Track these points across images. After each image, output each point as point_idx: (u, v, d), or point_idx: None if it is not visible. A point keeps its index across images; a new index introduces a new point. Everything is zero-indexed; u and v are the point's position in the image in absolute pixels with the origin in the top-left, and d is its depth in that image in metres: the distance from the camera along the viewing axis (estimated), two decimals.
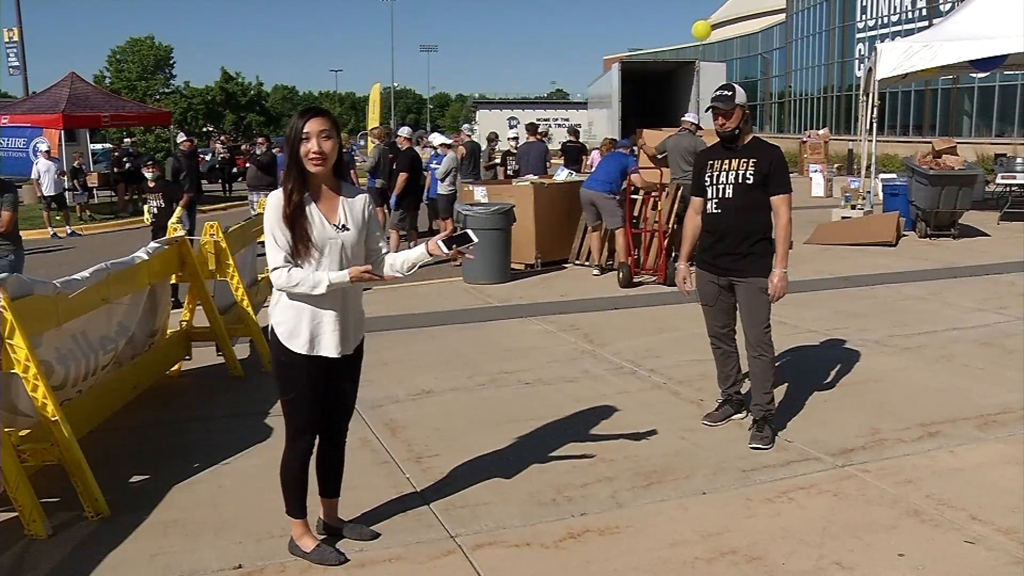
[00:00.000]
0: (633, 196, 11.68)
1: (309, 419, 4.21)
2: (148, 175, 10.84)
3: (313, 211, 3.99)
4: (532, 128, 17.38)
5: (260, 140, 17.99)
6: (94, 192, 25.89)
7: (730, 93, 5.59)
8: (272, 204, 3.97)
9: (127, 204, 24.21)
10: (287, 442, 4.24)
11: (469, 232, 4.33)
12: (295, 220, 3.95)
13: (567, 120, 45.38)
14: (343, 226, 4.06)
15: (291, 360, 4.09)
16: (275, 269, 3.97)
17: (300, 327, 4.06)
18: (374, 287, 10.45)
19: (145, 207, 11.36)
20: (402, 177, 13.62)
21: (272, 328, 4.10)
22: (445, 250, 4.17)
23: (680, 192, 11.77)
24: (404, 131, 15.29)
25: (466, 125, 21.92)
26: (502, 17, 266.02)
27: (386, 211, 14.69)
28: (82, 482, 4.73)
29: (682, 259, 6.09)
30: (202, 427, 6.31)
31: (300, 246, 3.95)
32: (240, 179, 27.24)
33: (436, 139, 16.07)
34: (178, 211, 10.99)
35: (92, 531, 4.64)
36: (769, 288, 5.57)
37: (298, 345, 4.06)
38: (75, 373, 5.33)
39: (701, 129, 13.38)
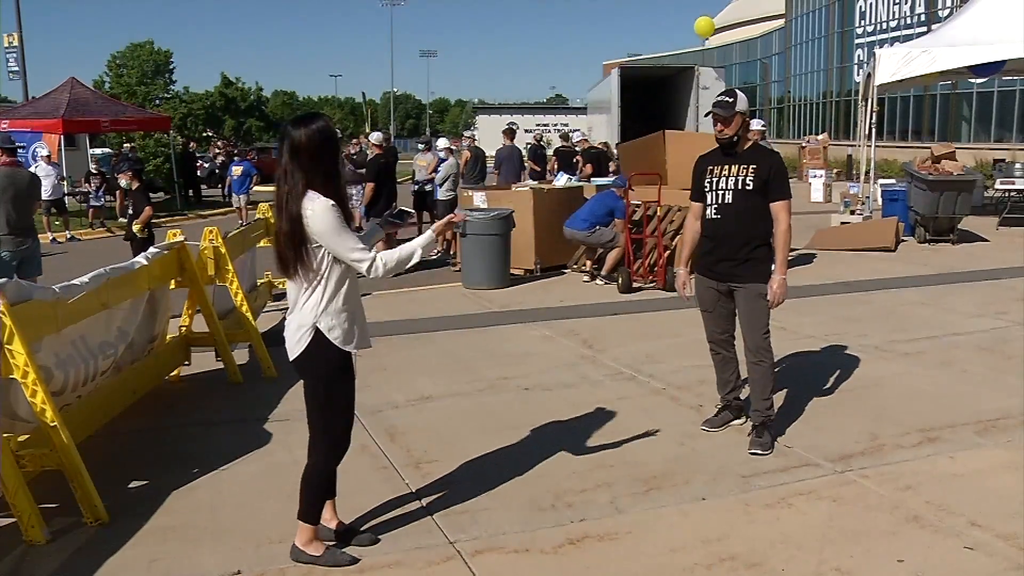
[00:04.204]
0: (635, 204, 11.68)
1: (349, 422, 4.31)
2: (123, 183, 10.68)
3: None
4: (509, 133, 17.44)
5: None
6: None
7: (731, 100, 5.58)
8: (332, 213, 3.95)
9: (126, 209, 24.18)
10: (324, 451, 4.24)
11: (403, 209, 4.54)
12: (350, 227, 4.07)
13: (566, 125, 45.42)
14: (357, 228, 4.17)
15: (345, 364, 4.18)
16: (370, 262, 4.02)
17: (353, 327, 4.15)
18: (373, 292, 10.47)
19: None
20: (369, 187, 13.48)
21: (321, 335, 4.06)
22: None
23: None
24: (374, 136, 14.87)
25: (468, 131, 21.90)
26: (501, 22, 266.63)
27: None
28: (81, 488, 4.73)
29: (682, 265, 6.09)
30: (201, 433, 6.30)
31: None
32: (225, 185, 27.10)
33: (442, 143, 16.07)
34: (137, 226, 10.72)
35: (91, 537, 4.63)
36: (768, 294, 5.57)
37: (352, 345, 4.16)
38: (74, 378, 5.32)
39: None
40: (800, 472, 5.32)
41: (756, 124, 12.98)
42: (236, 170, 22.14)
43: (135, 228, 10.50)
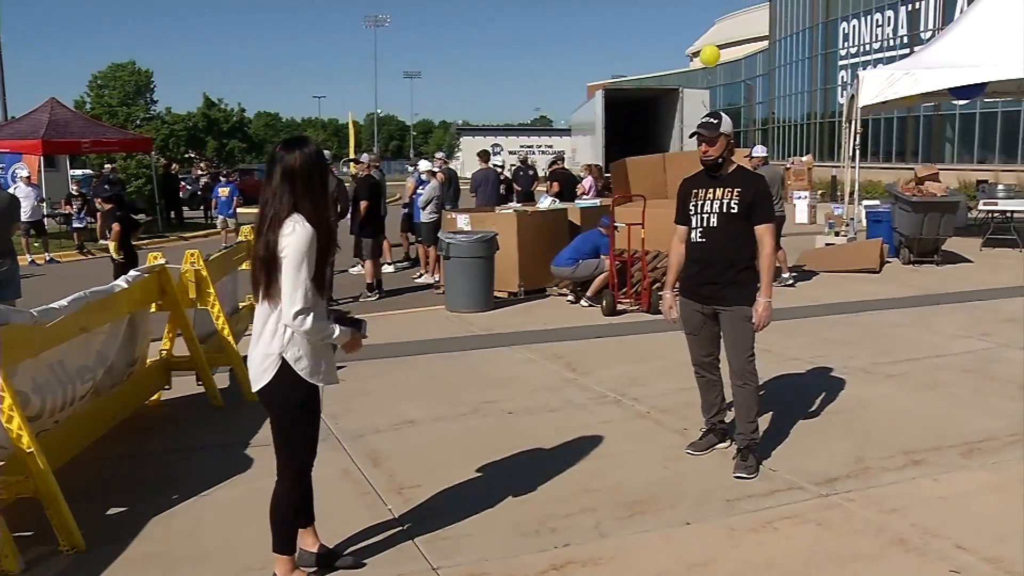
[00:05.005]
0: (617, 225, 11.71)
1: (312, 454, 4.28)
2: (98, 206, 10.88)
3: None
4: (484, 155, 17.42)
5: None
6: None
7: (716, 121, 5.62)
8: (308, 242, 3.90)
9: (105, 232, 24.04)
10: (288, 480, 4.22)
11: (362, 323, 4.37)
12: (322, 259, 3.99)
13: (551, 147, 45.60)
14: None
15: (311, 395, 4.13)
16: (301, 312, 3.89)
17: (319, 360, 4.10)
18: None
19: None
20: (363, 205, 13.40)
21: (287, 365, 4.02)
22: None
23: None
24: (365, 157, 14.98)
25: (440, 153, 21.86)
26: (486, 44, 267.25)
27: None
28: (57, 515, 4.68)
29: (667, 288, 6.11)
30: (181, 458, 6.26)
31: (317, 286, 3.98)
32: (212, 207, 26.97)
33: (422, 165, 16.06)
34: (111, 245, 10.86)
35: (67, 565, 4.58)
36: (754, 317, 5.59)
37: (319, 379, 4.10)
38: (52, 403, 5.28)
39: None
40: (785, 496, 5.32)
41: (760, 151, 13.03)
42: (223, 192, 22.11)
43: (110, 247, 10.59)
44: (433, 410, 7.22)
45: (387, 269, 15.65)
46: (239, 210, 21.86)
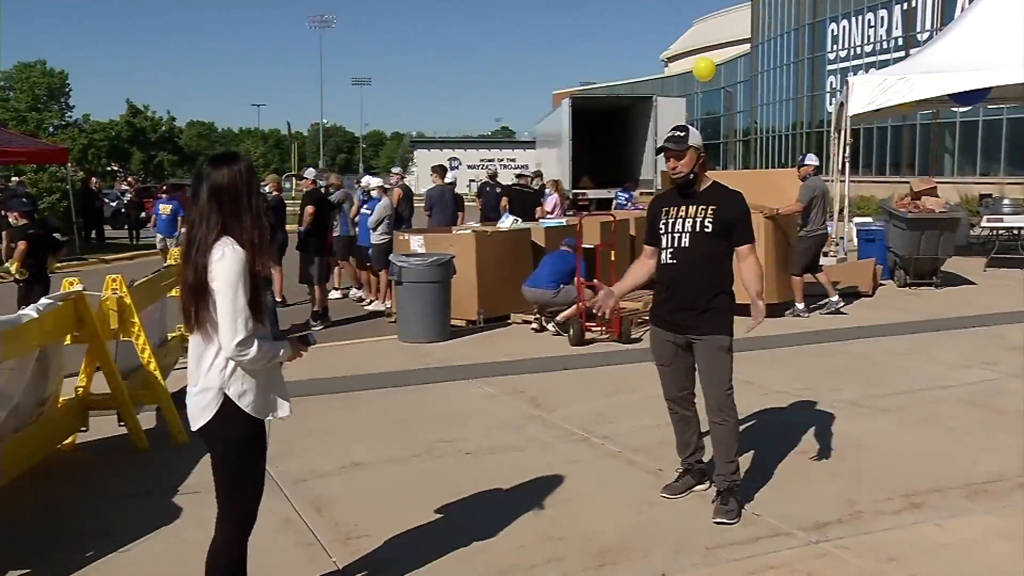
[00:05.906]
0: (587, 246, 11.78)
1: (259, 497, 4.23)
2: (12, 221, 10.83)
3: None
4: (440, 170, 17.50)
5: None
6: None
7: (683, 134, 5.66)
8: (240, 266, 3.89)
9: (11, 251, 23.76)
10: (234, 528, 4.16)
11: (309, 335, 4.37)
12: (258, 282, 3.98)
13: (513, 160, 45.81)
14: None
15: (258, 430, 4.09)
16: (241, 343, 3.86)
17: (268, 392, 4.08)
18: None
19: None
20: (309, 211, 13.47)
21: (230, 401, 3.98)
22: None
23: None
24: (309, 172, 15.33)
25: (396, 168, 21.89)
26: (442, 48, 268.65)
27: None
28: None
29: (618, 290, 6.14)
30: (98, 508, 6.17)
31: (258, 313, 3.96)
32: (149, 225, 26.74)
33: (372, 182, 16.01)
34: (14, 265, 10.87)
35: None
36: (753, 316, 5.59)
37: (269, 413, 4.09)
38: None
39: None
40: (771, 543, 5.33)
41: (811, 159, 13.13)
42: (164, 208, 21.87)
43: (12, 268, 10.53)
44: (383, 451, 7.19)
45: (334, 295, 15.63)
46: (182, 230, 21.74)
